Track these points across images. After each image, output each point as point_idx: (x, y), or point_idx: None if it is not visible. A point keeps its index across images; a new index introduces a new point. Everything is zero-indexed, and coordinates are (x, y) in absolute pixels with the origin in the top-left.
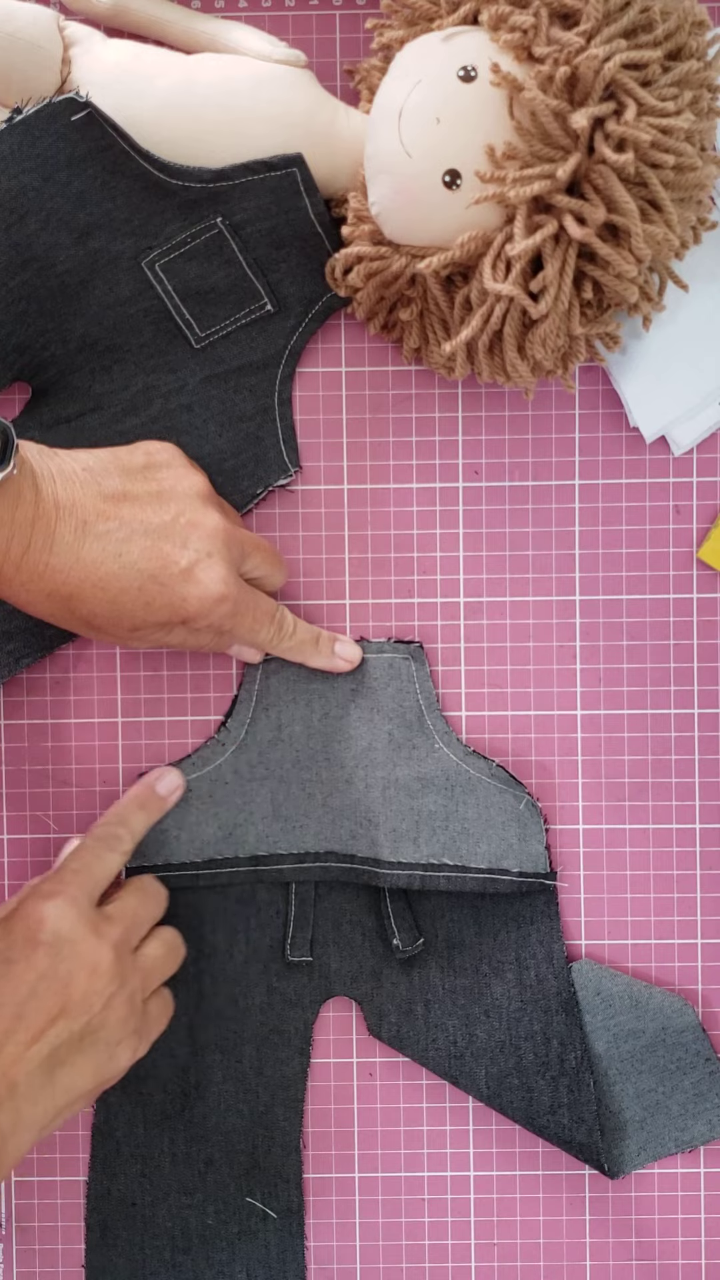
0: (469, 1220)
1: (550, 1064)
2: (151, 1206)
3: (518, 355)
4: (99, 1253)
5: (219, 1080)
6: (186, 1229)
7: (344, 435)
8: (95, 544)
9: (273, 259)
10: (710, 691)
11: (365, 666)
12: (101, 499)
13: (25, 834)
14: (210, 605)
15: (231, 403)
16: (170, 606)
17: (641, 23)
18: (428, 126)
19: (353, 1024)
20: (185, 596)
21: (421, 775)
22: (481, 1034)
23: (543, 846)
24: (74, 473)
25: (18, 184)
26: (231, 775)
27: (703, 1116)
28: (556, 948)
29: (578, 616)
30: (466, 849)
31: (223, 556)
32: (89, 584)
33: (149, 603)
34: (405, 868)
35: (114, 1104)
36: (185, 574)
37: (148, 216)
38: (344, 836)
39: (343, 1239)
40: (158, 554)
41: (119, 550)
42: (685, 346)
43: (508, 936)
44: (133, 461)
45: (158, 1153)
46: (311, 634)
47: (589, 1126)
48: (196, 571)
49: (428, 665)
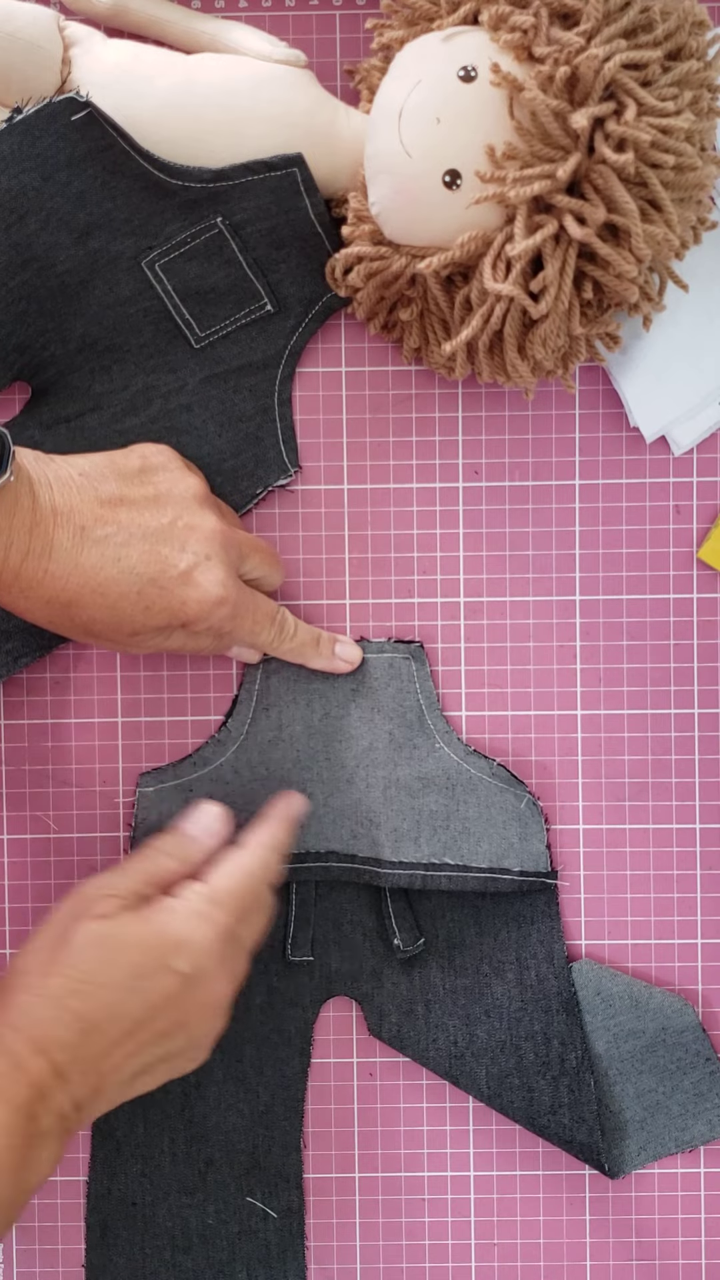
0: (469, 1220)
1: (551, 1064)
2: (152, 1206)
3: (518, 355)
4: (99, 1252)
5: (219, 1080)
6: (187, 1229)
7: (344, 435)
8: (94, 549)
9: (273, 259)
10: (710, 691)
11: (366, 666)
12: (99, 504)
13: (25, 834)
14: (209, 608)
15: (231, 403)
16: (169, 610)
17: (641, 23)
18: (428, 126)
19: (353, 1024)
20: (184, 600)
21: (422, 775)
22: (482, 1034)
23: (543, 845)
24: (70, 478)
25: (18, 184)
26: (232, 775)
27: (703, 1116)
28: (557, 948)
29: (578, 616)
30: (468, 848)
31: (221, 559)
32: (88, 589)
33: (148, 607)
34: (406, 867)
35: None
36: (184, 577)
37: (148, 216)
38: (345, 836)
39: (343, 1239)
40: (156, 558)
41: (117, 555)
42: (685, 346)
43: (508, 936)
44: (128, 465)
45: (158, 1152)
46: (312, 635)
47: (589, 1126)
48: (195, 575)
49: (428, 665)
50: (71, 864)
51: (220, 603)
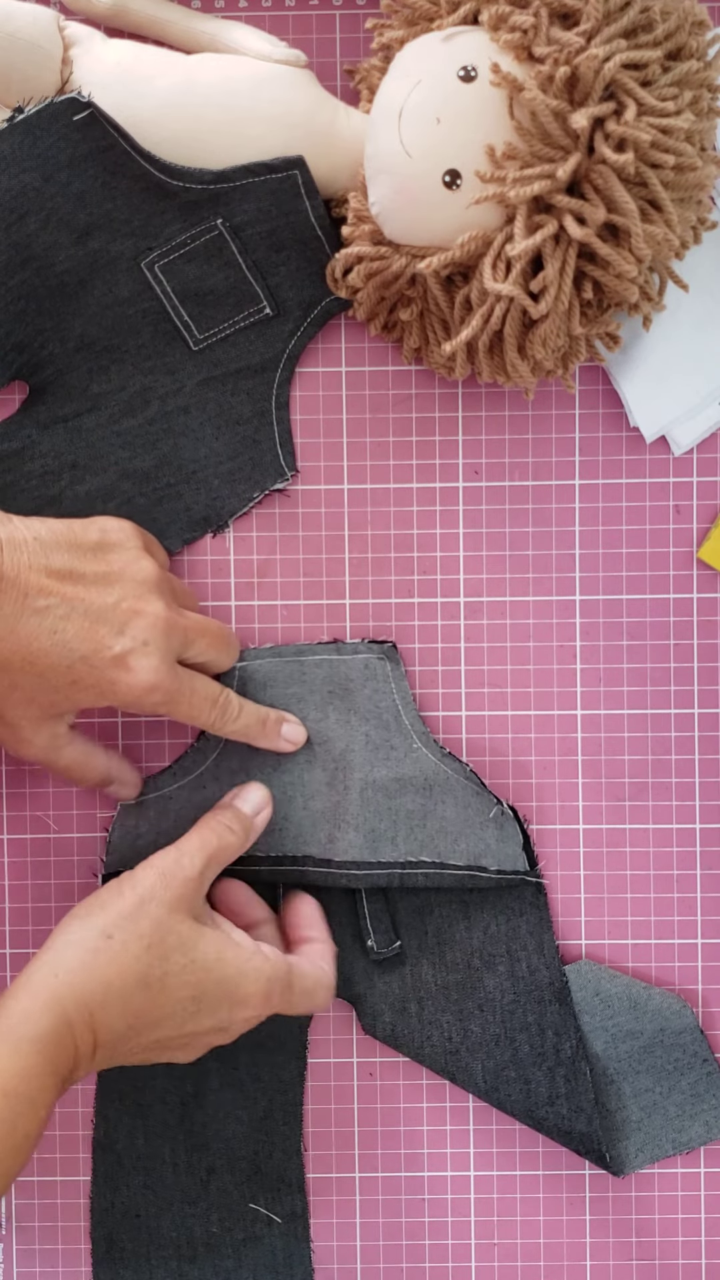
0: (469, 1220)
1: (546, 1054)
2: (156, 1217)
3: (518, 355)
4: (106, 1266)
5: (216, 1088)
6: (192, 1238)
7: (344, 435)
8: (32, 619)
9: (272, 262)
10: (710, 691)
11: (342, 668)
12: (46, 574)
13: (25, 834)
14: (140, 694)
15: (229, 405)
16: (98, 689)
17: (641, 23)
18: (428, 126)
19: (352, 1024)
20: (114, 681)
21: (399, 776)
22: (476, 1028)
23: (520, 849)
24: (24, 542)
25: (18, 183)
26: (212, 781)
27: (700, 1118)
28: (547, 939)
29: (578, 616)
30: (445, 846)
31: (160, 646)
32: (19, 657)
33: (76, 681)
34: (384, 866)
35: (113, 1117)
36: (117, 660)
37: (148, 217)
38: (322, 840)
39: (343, 1239)
40: (92, 636)
41: (54, 627)
42: (685, 346)
43: (498, 930)
44: (86, 538)
45: (159, 1163)
46: (258, 716)
47: (588, 1115)
48: (129, 659)
49: (403, 665)
50: (71, 864)
51: (151, 689)
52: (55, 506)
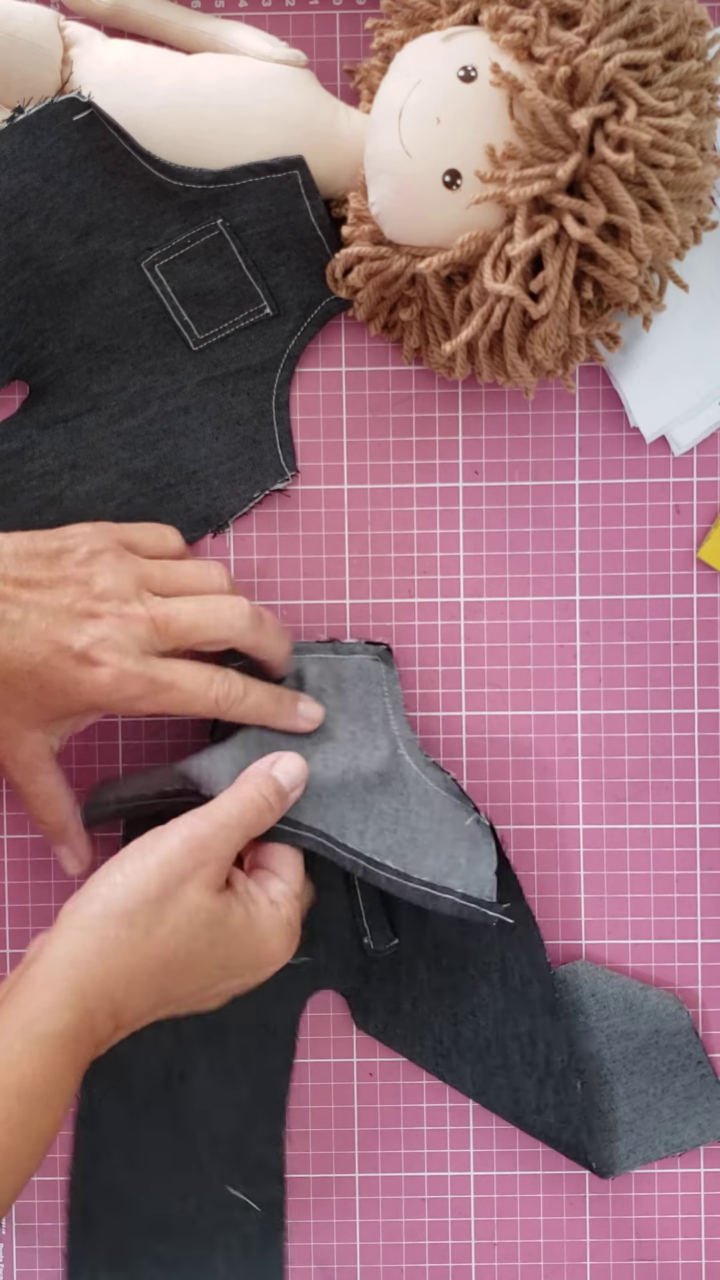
0: (469, 1220)
1: (537, 1065)
2: (133, 1195)
3: (518, 355)
4: (80, 1240)
5: (204, 1072)
6: (168, 1217)
7: (344, 435)
8: None
9: (272, 262)
10: (710, 691)
11: (336, 667)
12: (3, 582)
13: (25, 834)
14: (107, 690)
15: (229, 406)
16: (65, 692)
17: (641, 23)
18: (428, 126)
19: (352, 1024)
20: (79, 680)
21: (380, 772)
22: (468, 1032)
23: (492, 872)
24: None
25: (18, 183)
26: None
27: (693, 1120)
28: (539, 953)
29: (578, 616)
30: (412, 858)
31: (119, 639)
32: None
33: (43, 686)
34: (350, 852)
35: (97, 1093)
36: (79, 658)
37: (148, 217)
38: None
39: (343, 1239)
40: (51, 638)
41: (12, 633)
42: (685, 346)
43: (492, 938)
44: (48, 546)
45: (141, 1141)
46: (270, 694)
47: (575, 1127)
48: (90, 655)
49: (396, 668)
50: None
51: (118, 683)
52: (55, 506)
